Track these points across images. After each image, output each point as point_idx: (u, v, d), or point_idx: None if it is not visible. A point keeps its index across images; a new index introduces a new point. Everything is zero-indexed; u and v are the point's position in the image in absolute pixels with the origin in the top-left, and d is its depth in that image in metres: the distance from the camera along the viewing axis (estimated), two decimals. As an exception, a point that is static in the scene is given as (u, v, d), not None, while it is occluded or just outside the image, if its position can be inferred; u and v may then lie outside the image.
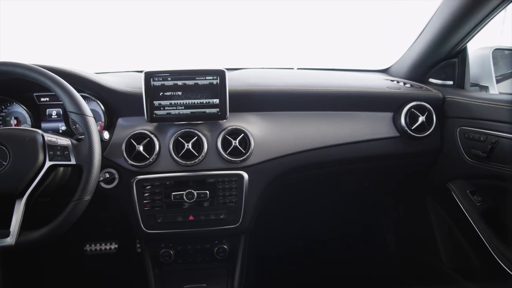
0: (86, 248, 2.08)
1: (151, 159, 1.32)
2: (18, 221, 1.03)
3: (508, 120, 1.29)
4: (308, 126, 1.49)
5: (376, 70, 2.03)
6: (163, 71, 1.29)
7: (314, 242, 2.19)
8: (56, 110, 1.48)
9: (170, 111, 1.32)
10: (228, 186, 1.35)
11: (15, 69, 1.08)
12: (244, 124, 1.40)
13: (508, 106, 1.30)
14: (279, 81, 1.55)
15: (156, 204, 1.34)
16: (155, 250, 1.46)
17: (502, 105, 1.32)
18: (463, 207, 1.49)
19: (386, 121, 1.56)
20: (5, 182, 1.02)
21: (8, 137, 1.06)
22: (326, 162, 1.52)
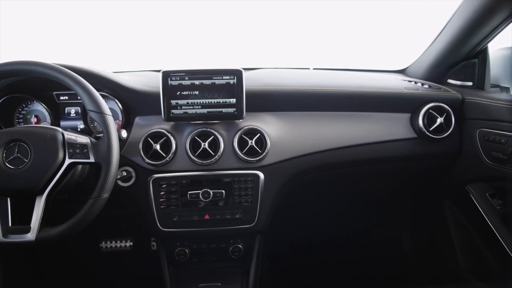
0: (102, 245, 2.10)
1: (167, 158, 1.33)
2: (38, 217, 1.05)
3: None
4: (324, 127, 1.48)
5: (393, 70, 2.01)
6: (180, 71, 1.30)
7: (327, 242, 2.18)
8: (75, 109, 1.50)
9: (187, 111, 1.32)
10: (244, 186, 1.35)
11: (36, 68, 1.10)
12: (261, 124, 1.40)
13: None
14: (295, 81, 1.55)
15: (172, 203, 1.35)
16: (171, 249, 1.46)
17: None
18: (482, 210, 1.46)
19: (403, 122, 1.54)
20: (26, 179, 1.04)
21: (30, 135, 1.08)
22: (342, 163, 1.51)
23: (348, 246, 2.19)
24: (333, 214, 2.18)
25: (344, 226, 2.20)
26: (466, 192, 1.55)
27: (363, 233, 2.21)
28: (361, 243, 2.20)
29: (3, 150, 1.06)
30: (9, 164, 1.05)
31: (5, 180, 1.04)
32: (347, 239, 2.20)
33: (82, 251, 2.10)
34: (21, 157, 1.06)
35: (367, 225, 2.21)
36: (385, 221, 2.22)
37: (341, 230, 2.19)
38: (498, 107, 1.39)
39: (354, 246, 2.19)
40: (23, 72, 1.10)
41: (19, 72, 1.10)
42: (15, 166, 1.05)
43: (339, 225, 2.19)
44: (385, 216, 2.22)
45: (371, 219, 2.22)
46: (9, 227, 1.05)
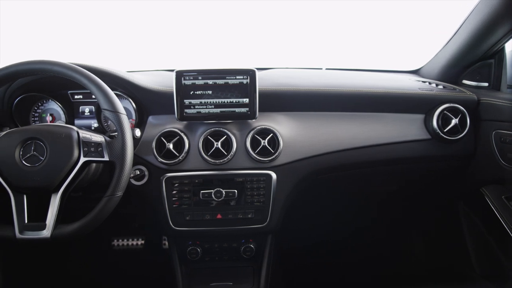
0: (114, 242, 2.12)
1: (180, 157, 1.33)
2: (53, 214, 1.07)
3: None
4: (337, 127, 1.47)
5: (406, 71, 1.99)
6: (194, 70, 1.30)
7: (338, 242, 2.17)
8: (89, 108, 1.52)
9: (200, 110, 1.33)
10: (256, 186, 1.35)
11: (52, 67, 1.11)
12: (273, 124, 1.40)
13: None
14: (308, 81, 1.54)
15: (184, 202, 1.35)
16: (183, 247, 1.47)
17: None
18: (498, 213, 1.44)
19: (417, 123, 1.52)
20: (42, 177, 1.06)
21: (46, 133, 1.09)
22: (355, 164, 1.50)
23: (359, 246, 2.18)
24: (344, 214, 2.17)
25: (356, 227, 2.18)
26: (480, 194, 1.53)
27: (375, 234, 2.19)
28: (373, 244, 2.18)
29: (20, 148, 1.08)
30: (25, 162, 1.07)
31: (22, 178, 1.06)
32: (358, 239, 2.19)
33: (95, 248, 2.12)
34: (37, 155, 1.07)
35: (379, 226, 2.20)
36: (397, 223, 2.20)
37: (353, 230, 2.18)
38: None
39: (365, 247, 2.18)
40: (40, 71, 1.12)
41: (36, 72, 1.12)
42: (31, 163, 1.07)
43: (350, 226, 2.18)
44: (397, 218, 2.20)
45: (383, 220, 2.21)
46: (25, 223, 1.06)
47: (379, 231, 2.20)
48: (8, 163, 1.06)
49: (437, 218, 2.02)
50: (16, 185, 1.06)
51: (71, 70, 1.11)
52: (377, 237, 2.19)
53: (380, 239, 2.20)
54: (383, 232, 2.21)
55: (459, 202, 1.79)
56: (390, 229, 2.21)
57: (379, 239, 2.20)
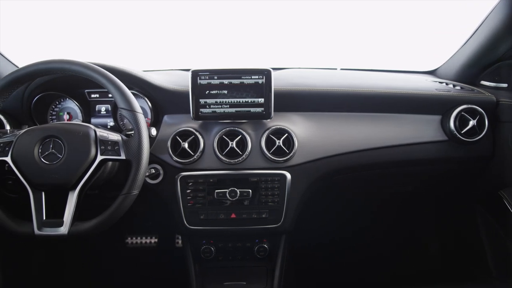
0: (128, 240, 2.14)
1: (195, 156, 1.34)
2: (70, 212, 1.08)
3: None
4: (352, 128, 1.46)
5: (422, 71, 1.97)
6: (209, 70, 1.31)
7: (352, 243, 2.16)
8: (105, 106, 1.54)
9: (215, 110, 1.33)
10: (270, 186, 1.35)
11: (71, 66, 1.13)
12: (288, 124, 1.39)
13: None
14: (323, 82, 1.54)
15: (199, 201, 1.36)
16: (197, 246, 1.48)
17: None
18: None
19: (434, 125, 1.50)
20: (60, 174, 1.07)
21: (64, 132, 1.11)
22: (370, 165, 1.49)
23: (373, 247, 2.16)
24: (359, 215, 2.15)
25: (370, 227, 2.17)
26: (499, 197, 1.50)
27: (389, 235, 2.17)
28: (387, 245, 2.16)
29: (39, 146, 1.09)
30: (44, 160, 1.08)
31: (41, 175, 1.08)
32: (372, 240, 2.17)
33: (109, 246, 2.14)
34: (55, 153, 1.09)
35: (394, 227, 2.18)
36: (412, 224, 2.18)
37: (367, 231, 2.17)
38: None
39: (379, 248, 2.16)
40: (59, 70, 1.13)
41: (55, 71, 1.13)
42: (49, 161, 1.08)
43: (364, 227, 2.16)
44: (412, 219, 2.17)
45: (398, 221, 2.19)
46: (43, 220, 1.08)
47: (393, 232, 2.18)
48: (27, 160, 1.08)
49: (453, 220, 2.00)
50: (35, 182, 1.08)
51: (89, 69, 1.12)
52: (392, 238, 2.17)
53: (395, 240, 2.18)
54: (398, 233, 2.19)
55: (476, 204, 1.76)
56: (404, 230, 2.19)
57: (394, 240, 2.18)
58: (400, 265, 2.10)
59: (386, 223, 2.18)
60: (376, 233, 2.17)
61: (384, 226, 2.18)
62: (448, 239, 2.05)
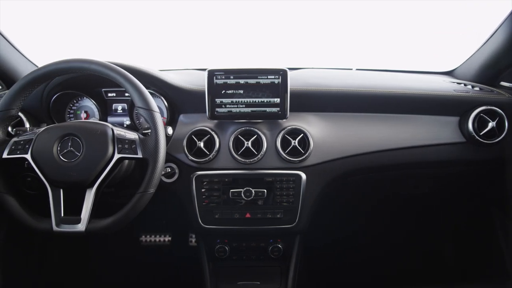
0: (142, 238, 2.15)
1: (211, 156, 1.34)
2: (88, 209, 1.09)
3: None
4: (368, 128, 1.45)
5: (439, 72, 1.94)
6: (226, 70, 1.31)
7: (366, 244, 2.14)
8: (122, 105, 1.55)
9: (231, 109, 1.33)
10: (286, 186, 1.35)
11: (90, 65, 1.14)
12: (304, 124, 1.39)
13: None
14: (339, 82, 1.53)
15: (213, 200, 1.36)
16: (211, 245, 1.48)
17: None
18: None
19: (452, 126, 1.48)
20: (78, 172, 1.09)
21: (83, 130, 1.12)
22: (386, 166, 1.48)
23: (387, 249, 2.14)
24: (373, 216, 2.14)
25: (384, 229, 2.15)
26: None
27: (404, 236, 2.15)
28: (402, 246, 2.14)
29: (58, 144, 1.11)
30: (63, 157, 1.10)
31: (59, 172, 1.09)
32: (386, 242, 2.15)
33: (123, 243, 2.16)
34: (73, 151, 1.10)
35: (409, 229, 2.16)
36: (427, 226, 2.15)
37: (381, 233, 2.15)
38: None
39: (394, 248, 2.14)
40: (78, 69, 1.15)
41: (75, 70, 1.15)
42: (68, 159, 1.10)
43: (379, 228, 2.15)
44: (427, 221, 2.15)
45: (413, 223, 2.16)
46: (62, 217, 1.09)
47: (408, 233, 2.16)
48: (46, 158, 1.09)
49: (470, 222, 1.97)
50: (54, 180, 1.10)
51: (108, 68, 1.13)
52: (406, 239, 2.15)
53: (409, 241, 2.15)
54: (412, 234, 2.16)
55: (493, 208, 1.73)
56: (419, 232, 2.16)
57: (408, 241, 2.15)
58: (415, 267, 2.08)
59: (400, 224, 2.15)
60: (390, 234, 2.15)
61: (398, 227, 2.15)
62: (464, 241, 2.01)
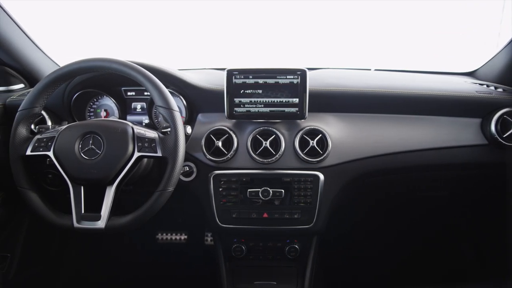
0: (158, 236, 2.17)
1: (229, 155, 1.34)
2: (108, 206, 1.11)
3: None
4: (387, 130, 1.44)
5: (460, 73, 1.91)
6: (245, 69, 1.31)
7: (383, 246, 2.12)
8: (141, 104, 1.57)
9: (249, 109, 1.33)
10: (303, 186, 1.34)
11: (111, 64, 1.15)
12: (322, 125, 1.38)
13: None
14: (357, 82, 1.51)
15: (231, 200, 1.36)
16: (228, 244, 1.48)
17: None
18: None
19: (473, 128, 1.45)
20: (99, 169, 1.10)
21: (103, 128, 1.14)
22: (404, 168, 1.46)
23: (404, 250, 2.12)
24: (391, 218, 2.11)
25: (402, 231, 2.12)
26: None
27: (422, 239, 2.12)
28: (419, 248, 2.11)
29: (79, 141, 1.12)
30: (84, 155, 1.11)
31: (80, 170, 1.11)
32: (403, 244, 2.12)
33: (140, 241, 2.19)
34: (94, 149, 1.12)
35: (426, 231, 2.12)
36: (447, 229, 2.12)
37: (398, 235, 2.12)
38: None
39: (411, 251, 2.11)
40: (100, 68, 1.16)
41: (96, 69, 1.17)
42: (89, 157, 1.11)
43: (396, 230, 2.12)
44: (446, 224, 2.11)
45: (431, 225, 2.13)
46: (82, 214, 1.11)
47: (426, 236, 2.13)
48: (68, 155, 1.11)
49: (492, 229, 1.92)
50: (75, 177, 1.11)
51: (129, 67, 1.14)
52: (424, 241, 2.12)
53: (427, 243, 2.12)
54: (430, 236, 2.13)
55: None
56: (437, 234, 2.13)
57: (426, 243, 2.12)
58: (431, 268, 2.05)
59: (418, 226, 2.13)
60: (408, 236, 2.12)
61: (416, 230, 2.13)
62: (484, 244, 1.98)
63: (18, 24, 1.50)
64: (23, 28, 1.53)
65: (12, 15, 1.46)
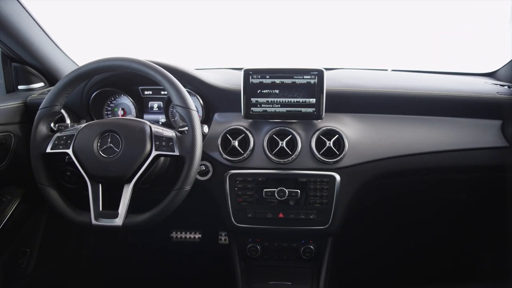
0: (173, 235, 2.19)
1: (245, 155, 1.34)
2: (125, 204, 1.12)
3: None
4: (405, 131, 1.42)
5: (480, 73, 1.88)
6: (262, 69, 1.31)
7: (399, 249, 2.10)
8: (157, 103, 1.58)
9: (266, 109, 1.33)
10: (319, 187, 1.34)
11: (130, 64, 1.16)
12: (339, 125, 1.37)
13: None
14: (374, 83, 1.50)
15: (247, 199, 1.36)
16: (243, 244, 1.49)
17: None
18: None
19: (493, 130, 1.43)
20: (117, 167, 1.11)
21: (122, 127, 1.15)
22: (422, 170, 1.44)
23: (419, 253, 2.09)
24: (407, 220, 2.08)
25: (417, 233, 2.09)
26: None
27: (436, 242, 2.09)
28: (435, 251, 2.09)
29: (98, 140, 1.14)
30: (102, 153, 1.13)
31: (99, 168, 1.12)
32: (419, 245, 2.10)
33: (154, 239, 2.21)
34: (113, 147, 1.13)
35: (442, 234, 2.09)
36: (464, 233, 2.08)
37: (413, 236, 2.10)
38: None
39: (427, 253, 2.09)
40: (119, 67, 1.17)
41: (115, 68, 1.18)
42: (107, 155, 1.13)
43: (411, 232, 2.09)
44: (464, 228, 2.08)
45: (447, 228, 2.10)
46: (100, 211, 1.12)
47: (442, 238, 2.10)
48: (87, 153, 1.13)
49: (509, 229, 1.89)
50: (93, 174, 1.13)
51: (147, 67, 1.15)
52: (440, 244, 2.09)
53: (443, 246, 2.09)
54: (447, 241, 2.10)
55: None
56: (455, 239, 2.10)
57: (442, 246, 2.09)
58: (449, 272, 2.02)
59: (435, 230, 2.10)
60: (424, 239, 2.10)
61: (433, 233, 2.10)
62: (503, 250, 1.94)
63: (39, 24, 1.53)
64: (43, 28, 1.55)
65: (34, 15, 1.49)
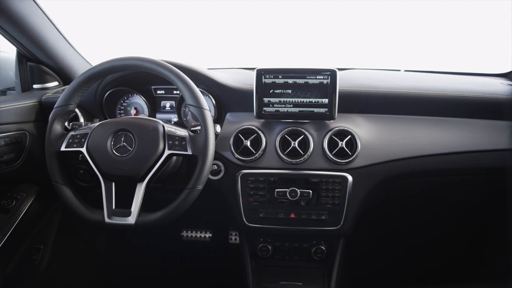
0: (183, 233, 2.20)
1: (257, 155, 1.34)
2: (138, 203, 1.12)
3: None
4: (418, 132, 1.40)
5: (495, 74, 1.85)
6: (274, 69, 1.31)
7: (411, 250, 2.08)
8: (170, 103, 1.58)
9: (278, 109, 1.33)
10: (331, 187, 1.33)
11: (144, 63, 1.17)
12: (351, 126, 1.36)
13: None
14: (387, 83, 1.49)
15: (258, 199, 1.36)
16: (254, 244, 1.49)
17: None
18: None
19: (509, 131, 1.40)
20: (130, 166, 1.12)
21: (135, 126, 1.16)
22: (436, 171, 1.43)
23: (432, 254, 2.07)
24: (420, 221, 2.06)
25: (430, 234, 2.07)
26: None
27: (449, 243, 2.07)
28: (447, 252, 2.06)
29: (112, 138, 1.15)
30: (116, 152, 1.14)
31: (112, 166, 1.13)
32: (431, 246, 2.08)
33: (165, 238, 2.22)
34: (126, 146, 1.14)
35: (456, 237, 2.07)
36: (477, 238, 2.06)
37: (426, 237, 2.07)
38: None
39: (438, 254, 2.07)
40: (132, 67, 1.18)
41: (129, 67, 1.18)
42: (120, 153, 1.14)
43: (424, 233, 2.07)
44: (478, 231, 2.05)
45: (461, 231, 2.07)
46: (113, 209, 1.13)
47: (455, 240, 2.07)
48: (101, 152, 1.14)
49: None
50: (107, 173, 1.14)
51: (161, 66, 1.16)
52: (453, 245, 2.07)
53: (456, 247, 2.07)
54: (459, 244, 2.08)
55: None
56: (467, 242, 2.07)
57: (454, 249, 2.07)
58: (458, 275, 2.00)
59: (448, 230, 2.07)
60: (437, 242, 2.07)
61: (446, 233, 2.07)
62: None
63: (54, 24, 1.54)
64: (58, 28, 1.57)
65: (49, 14, 1.50)
